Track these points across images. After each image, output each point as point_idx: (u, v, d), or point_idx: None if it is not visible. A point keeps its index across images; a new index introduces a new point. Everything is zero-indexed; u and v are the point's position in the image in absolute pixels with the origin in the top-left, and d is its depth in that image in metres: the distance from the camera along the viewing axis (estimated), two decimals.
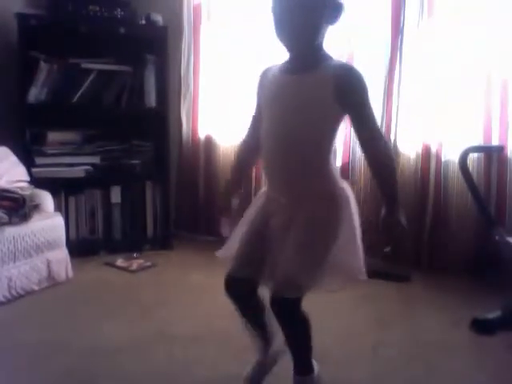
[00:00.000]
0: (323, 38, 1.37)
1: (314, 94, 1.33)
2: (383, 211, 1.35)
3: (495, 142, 2.61)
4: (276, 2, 1.32)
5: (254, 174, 3.12)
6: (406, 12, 2.71)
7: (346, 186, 1.44)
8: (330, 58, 1.38)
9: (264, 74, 1.48)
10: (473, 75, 2.64)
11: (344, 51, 2.85)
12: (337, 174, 1.44)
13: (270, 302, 1.37)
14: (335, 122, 1.37)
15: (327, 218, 1.37)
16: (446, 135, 2.72)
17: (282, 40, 1.34)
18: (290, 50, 1.36)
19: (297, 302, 1.37)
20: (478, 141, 2.64)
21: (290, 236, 1.37)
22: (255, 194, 1.71)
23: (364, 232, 1.44)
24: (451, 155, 2.69)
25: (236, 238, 1.50)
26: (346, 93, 1.30)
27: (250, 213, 1.51)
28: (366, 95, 1.32)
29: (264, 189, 1.54)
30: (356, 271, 1.41)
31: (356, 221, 1.41)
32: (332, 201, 1.38)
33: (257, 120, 1.49)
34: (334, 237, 1.37)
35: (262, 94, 1.47)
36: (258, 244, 1.43)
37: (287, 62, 1.41)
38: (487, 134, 2.63)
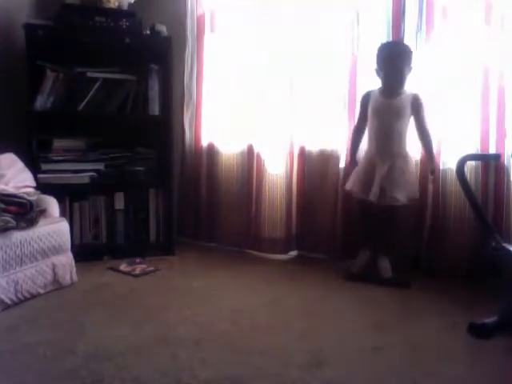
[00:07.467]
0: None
1: (401, 109, 2.67)
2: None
3: (492, 150, 2.66)
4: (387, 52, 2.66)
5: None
6: (405, 23, 2.79)
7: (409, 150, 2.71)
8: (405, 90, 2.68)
9: (367, 95, 2.76)
10: (470, 83, 2.70)
11: (347, 61, 2.92)
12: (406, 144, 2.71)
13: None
14: (408, 120, 2.70)
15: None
16: (444, 143, 2.77)
17: (388, 78, 2.67)
18: (391, 85, 2.68)
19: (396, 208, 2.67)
20: (476, 149, 2.69)
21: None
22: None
23: None
24: (449, 163, 2.74)
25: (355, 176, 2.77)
26: (417, 106, 2.67)
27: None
28: (424, 108, 2.68)
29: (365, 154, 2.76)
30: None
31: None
32: (406, 157, 2.72)
33: (363, 119, 2.79)
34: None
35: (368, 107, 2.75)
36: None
37: (383, 90, 2.70)
38: (484, 142, 2.68)
